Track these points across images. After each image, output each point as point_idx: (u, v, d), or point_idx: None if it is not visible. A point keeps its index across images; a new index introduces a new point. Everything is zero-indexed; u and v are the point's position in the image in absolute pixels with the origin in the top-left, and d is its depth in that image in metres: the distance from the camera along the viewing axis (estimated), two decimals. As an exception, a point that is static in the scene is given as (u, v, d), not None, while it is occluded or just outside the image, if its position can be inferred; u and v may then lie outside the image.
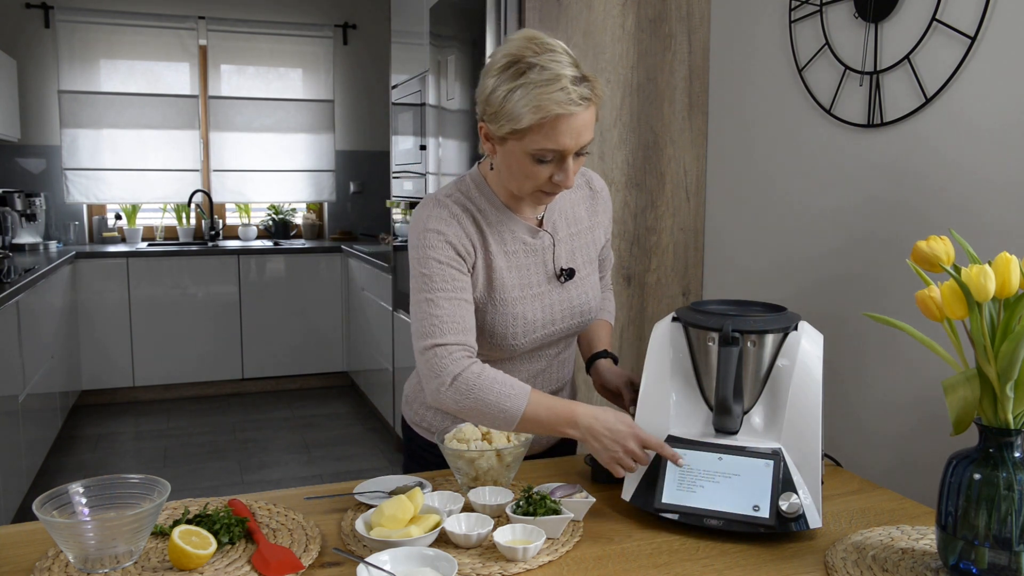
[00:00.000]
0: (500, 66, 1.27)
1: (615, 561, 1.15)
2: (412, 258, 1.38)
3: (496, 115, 1.27)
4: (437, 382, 1.30)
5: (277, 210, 5.81)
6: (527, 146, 1.27)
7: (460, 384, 1.28)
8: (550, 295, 1.46)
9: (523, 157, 1.29)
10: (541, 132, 1.25)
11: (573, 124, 1.26)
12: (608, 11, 2.38)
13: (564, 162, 1.30)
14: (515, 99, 1.24)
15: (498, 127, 1.28)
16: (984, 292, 1.00)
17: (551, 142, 1.26)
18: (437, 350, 1.30)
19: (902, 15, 1.83)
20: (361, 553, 1.14)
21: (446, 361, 1.29)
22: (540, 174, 1.30)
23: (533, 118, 1.23)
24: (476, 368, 1.30)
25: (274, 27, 5.56)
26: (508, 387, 1.29)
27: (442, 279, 1.34)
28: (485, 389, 1.27)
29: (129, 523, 1.06)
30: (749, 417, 1.31)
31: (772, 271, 2.29)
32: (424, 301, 1.34)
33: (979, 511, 1.02)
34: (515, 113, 1.24)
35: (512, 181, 1.35)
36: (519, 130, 1.26)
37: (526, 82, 1.23)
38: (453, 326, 1.32)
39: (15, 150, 5.09)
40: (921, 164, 1.81)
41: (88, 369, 4.89)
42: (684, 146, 2.52)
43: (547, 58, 1.24)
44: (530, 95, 1.23)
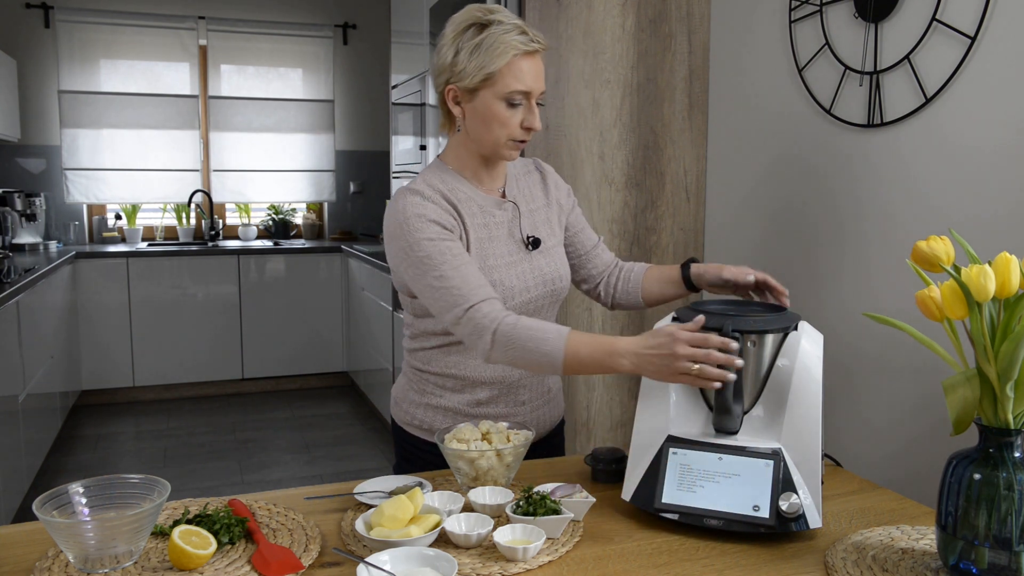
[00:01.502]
0: (456, 33, 1.41)
1: (615, 561, 1.15)
2: (399, 249, 1.42)
3: (465, 70, 1.39)
4: (481, 343, 1.34)
5: (277, 210, 5.81)
6: (499, 90, 1.39)
7: (500, 338, 1.33)
8: (521, 263, 1.52)
9: (496, 103, 1.40)
10: (511, 74, 1.38)
11: (535, 66, 1.41)
12: (608, 11, 2.38)
13: (531, 104, 1.42)
14: (484, 48, 1.38)
15: (471, 78, 1.39)
16: (984, 292, 1.00)
17: (520, 83, 1.39)
18: (469, 313, 1.35)
19: (902, 15, 1.83)
20: (361, 553, 1.14)
21: (482, 320, 1.34)
22: (513, 119, 1.42)
23: (504, 59, 1.37)
24: (511, 319, 1.34)
25: (274, 27, 5.56)
26: (543, 331, 1.32)
27: (440, 254, 1.38)
28: (523, 338, 1.32)
29: (129, 523, 1.06)
30: (749, 417, 1.31)
31: (772, 271, 2.29)
32: (434, 280, 1.38)
33: (979, 511, 1.02)
34: (486, 60, 1.38)
35: (487, 135, 1.43)
36: (492, 73, 1.38)
37: (488, 34, 1.38)
38: (473, 287, 1.37)
39: (15, 150, 5.09)
40: (921, 164, 1.81)
41: (88, 369, 4.89)
42: (684, 146, 2.52)
43: (499, 15, 1.41)
44: (497, 42, 1.38)
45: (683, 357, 1.22)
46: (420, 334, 1.55)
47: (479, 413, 1.54)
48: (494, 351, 1.34)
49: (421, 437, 1.58)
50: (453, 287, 1.36)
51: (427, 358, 1.55)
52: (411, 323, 1.57)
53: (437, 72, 1.45)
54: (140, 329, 4.96)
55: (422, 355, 1.56)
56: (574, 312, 2.43)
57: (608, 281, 1.70)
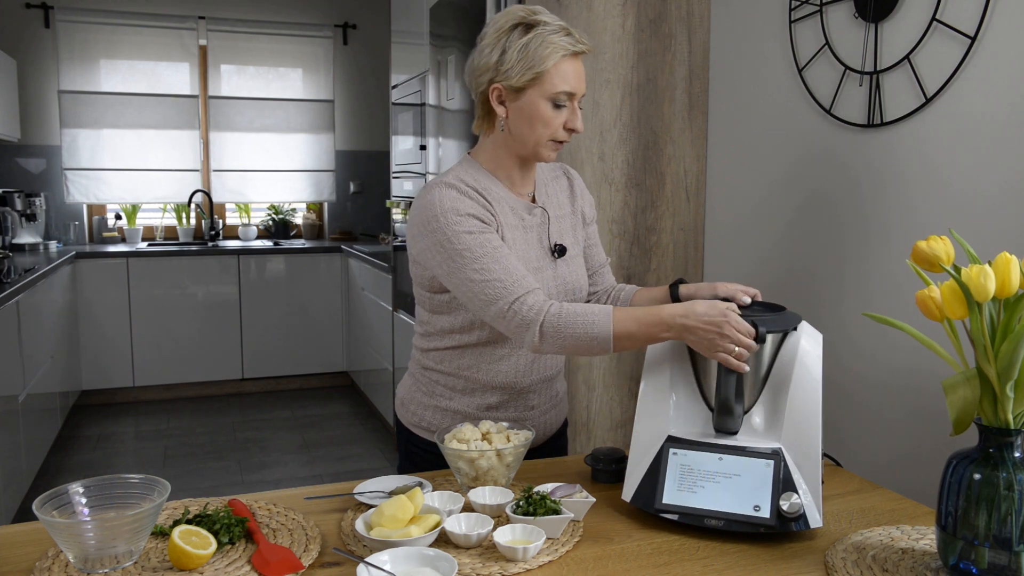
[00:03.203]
0: (500, 32, 1.41)
1: (615, 561, 1.15)
2: (434, 243, 1.40)
3: (513, 68, 1.39)
4: (528, 335, 1.34)
5: (277, 210, 5.81)
6: (546, 90, 1.40)
7: (548, 329, 1.33)
8: (547, 270, 1.52)
9: (542, 103, 1.40)
10: (558, 74, 1.39)
11: (579, 67, 1.43)
12: (608, 11, 2.38)
13: (574, 106, 1.43)
14: (533, 47, 1.38)
15: (519, 78, 1.39)
16: (984, 292, 1.00)
17: (566, 83, 1.40)
18: (514, 307, 1.34)
19: (902, 15, 1.83)
20: (361, 553, 1.14)
21: (527, 313, 1.33)
22: (556, 120, 1.42)
23: (553, 59, 1.38)
24: (554, 309, 1.34)
25: (274, 27, 5.56)
26: (590, 315, 1.32)
27: (480, 246, 1.38)
28: (571, 325, 1.32)
29: (129, 523, 1.06)
30: (749, 417, 1.31)
31: (772, 271, 2.29)
32: (474, 273, 1.37)
33: (979, 511, 1.02)
34: (536, 58, 1.38)
35: (530, 134, 1.43)
36: (540, 73, 1.38)
37: (538, 33, 1.38)
38: (516, 279, 1.36)
39: (15, 150, 5.09)
40: (921, 164, 1.81)
41: (88, 369, 4.89)
42: (684, 146, 2.52)
43: (544, 16, 1.41)
44: (545, 42, 1.38)
45: (730, 339, 1.24)
46: (435, 332, 1.54)
47: (488, 417, 1.52)
48: (544, 343, 1.34)
49: (428, 439, 1.57)
50: (496, 279, 1.36)
51: (440, 358, 1.54)
52: (426, 320, 1.55)
53: (479, 71, 1.44)
54: (140, 329, 4.96)
55: (435, 355, 1.55)
56: (574, 312, 2.43)
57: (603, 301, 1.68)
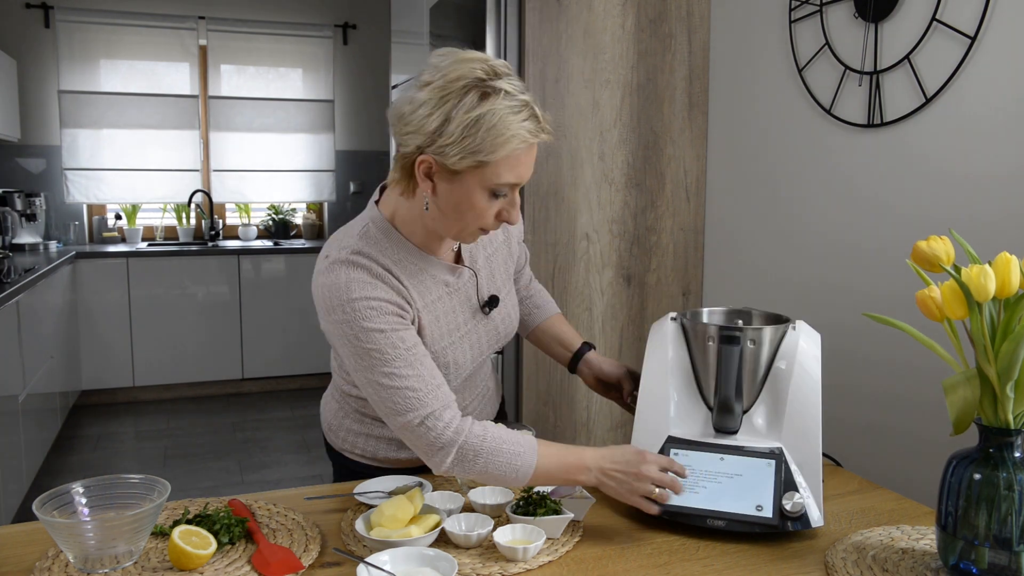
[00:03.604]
0: (451, 92, 1.13)
1: (615, 561, 1.15)
2: (341, 334, 1.22)
3: (453, 147, 1.13)
4: (440, 456, 1.19)
5: (277, 210, 5.81)
6: (488, 180, 1.15)
7: (466, 452, 1.18)
8: (476, 330, 1.38)
9: (478, 192, 1.17)
10: (507, 165, 1.15)
11: (533, 155, 1.18)
12: (608, 11, 2.38)
13: (514, 196, 1.21)
14: (485, 127, 1.11)
15: (458, 159, 1.13)
16: (984, 292, 1.00)
17: (514, 174, 1.16)
18: (427, 422, 1.19)
19: (902, 15, 1.83)
20: (361, 553, 1.14)
21: (444, 432, 1.18)
22: (490, 211, 1.20)
23: (505, 149, 1.13)
24: (477, 430, 1.20)
25: (274, 27, 5.56)
26: (515, 445, 1.20)
27: (392, 347, 1.20)
28: (493, 452, 1.18)
29: (129, 523, 1.06)
30: (749, 417, 1.31)
31: (772, 270, 2.29)
32: (383, 377, 1.20)
33: (979, 511, 1.02)
34: (487, 144, 1.12)
35: (456, 222, 1.21)
36: (485, 163, 1.13)
37: (492, 111, 1.12)
38: (429, 390, 1.20)
39: (15, 150, 5.09)
40: (921, 164, 1.81)
41: (88, 369, 4.89)
42: (684, 146, 2.52)
43: (506, 82, 1.14)
44: (502, 124, 1.12)
45: (648, 479, 1.20)
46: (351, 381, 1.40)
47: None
48: (452, 467, 1.19)
49: (364, 463, 1.47)
50: (407, 388, 1.19)
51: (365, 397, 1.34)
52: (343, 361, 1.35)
53: (408, 127, 1.16)
54: (140, 329, 4.95)
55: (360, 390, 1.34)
56: (574, 312, 2.43)
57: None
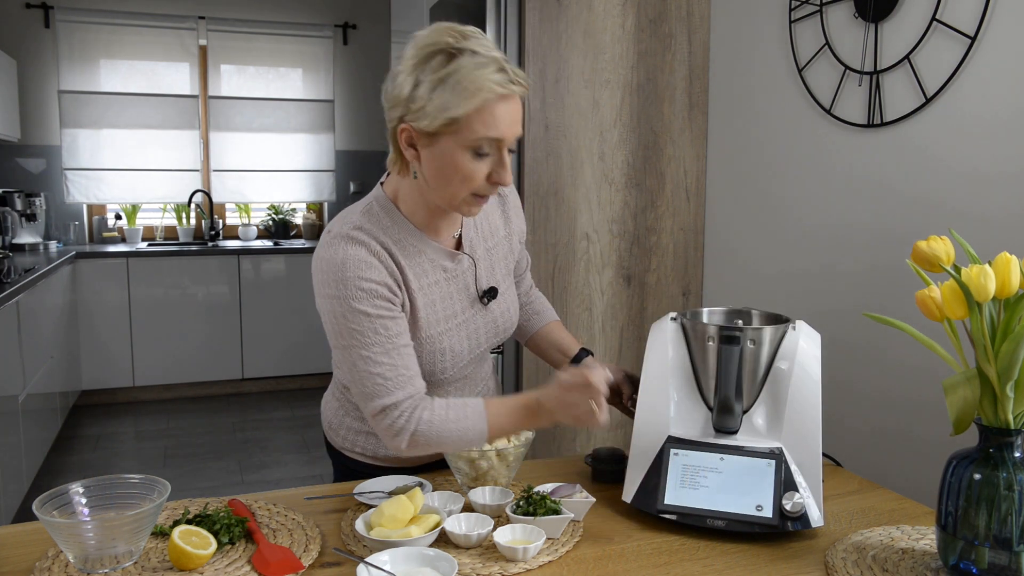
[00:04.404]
0: (421, 58, 1.16)
1: (615, 561, 1.15)
2: (330, 308, 1.24)
3: (424, 109, 1.15)
4: (396, 442, 1.24)
5: (277, 210, 5.81)
6: (465, 138, 1.16)
7: (419, 438, 1.23)
8: (474, 320, 1.38)
9: (459, 153, 1.17)
10: (480, 119, 1.15)
11: (511, 110, 1.17)
12: (608, 11, 2.38)
13: (501, 155, 1.19)
14: (450, 85, 1.13)
15: (430, 121, 1.15)
16: (984, 292, 1.00)
17: (490, 129, 1.16)
18: (388, 411, 1.23)
19: (902, 15, 1.83)
20: (361, 553, 1.14)
21: (400, 421, 1.23)
22: (478, 172, 1.19)
23: (473, 102, 1.13)
24: (425, 415, 1.23)
25: (274, 27, 5.56)
26: (463, 419, 1.24)
27: (375, 332, 1.22)
28: (444, 432, 1.23)
29: (129, 523, 1.06)
30: (749, 417, 1.31)
31: (772, 270, 2.29)
32: (360, 359, 1.23)
33: (979, 511, 1.02)
34: (451, 101, 1.13)
35: (445, 188, 1.22)
36: (456, 119, 1.14)
37: (458, 67, 1.13)
38: (398, 380, 1.23)
39: (15, 150, 5.09)
40: (921, 164, 1.81)
41: (88, 369, 4.89)
42: (684, 146, 2.52)
43: (474, 43, 1.16)
44: (468, 79, 1.13)
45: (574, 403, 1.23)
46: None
47: None
48: (409, 452, 1.25)
49: (365, 462, 1.48)
50: (378, 374, 1.22)
51: None
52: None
53: (390, 103, 1.20)
54: (140, 329, 4.95)
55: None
56: (574, 312, 2.43)
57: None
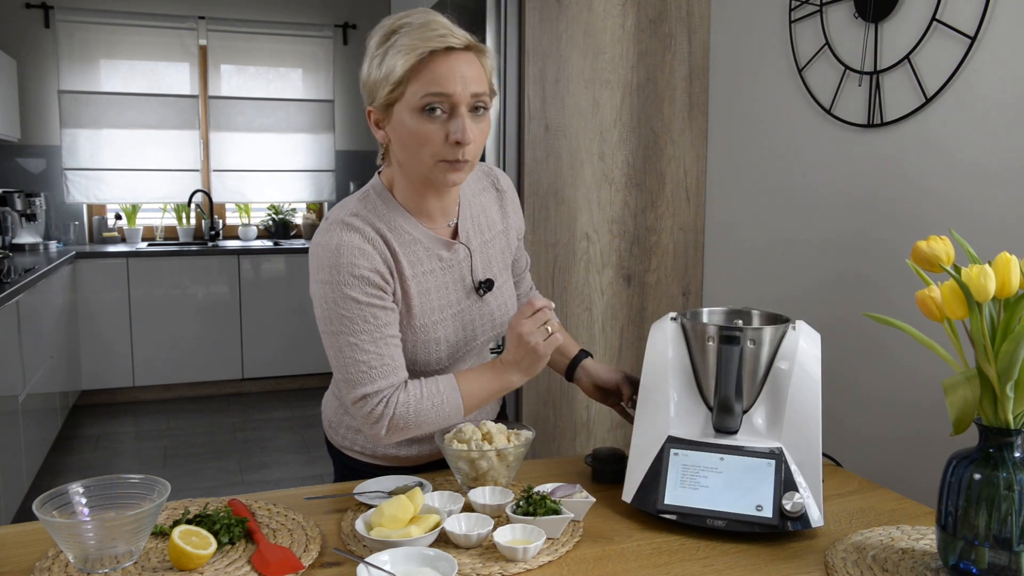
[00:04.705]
0: (373, 45, 1.22)
1: (615, 561, 1.15)
2: (323, 293, 1.25)
3: (376, 85, 1.20)
4: (376, 429, 1.27)
5: (277, 210, 5.81)
6: (410, 101, 1.17)
7: (398, 422, 1.26)
8: (470, 311, 1.39)
9: (412, 118, 1.18)
10: (420, 78, 1.16)
11: (455, 66, 1.17)
12: (608, 11, 2.38)
13: (456, 113, 1.18)
14: (390, 55, 1.17)
15: (380, 95, 1.19)
16: (984, 292, 1.00)
17: (433, 85, 1.16)
18: (368, 399, 1.26)
19: (902, 15, 1.83)
20: (361, 553, 1.14)
21: (379, 408, 1.26)
22: (434, 134, 1.18)
23: (408, 61, 1.16)
24: (401, 398, 1.26)
25: (274, 27, 5.56)
26: (437, 394, 1.28)
27: (363, 320, 1.24)
28: (420, 411, 1.27)
29: (129, 523, 1.06)
30: (749, 417, 1.31)
31: (772, 271, 2.29)
32: (347, 345, 1.25)
33: (979, 511, 1.02)
34: (391, 65, 1.17)
35: (412, 159, 1.23)
36: (398, 81, 1.16)
37: (397, 36, 1.18)
38: (382, 370, 1.25)
39: (15, 150, 5.09)
40: (921, 164, 1.81)
41: (88, 369, 4.89)
42: (684, 146, 2.52)
43: (412, 17, 1.20)
44: (403, 42, 1.17)
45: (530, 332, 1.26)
46: None
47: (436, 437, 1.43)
48: (389, 438, 1.29)
49: (365, 461, 1.48)
50: (363, 362, 1.24)
51: None
52: None
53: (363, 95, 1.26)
54: (140, 329, 4.96)
55: None
56: (574, 312, 2.43)
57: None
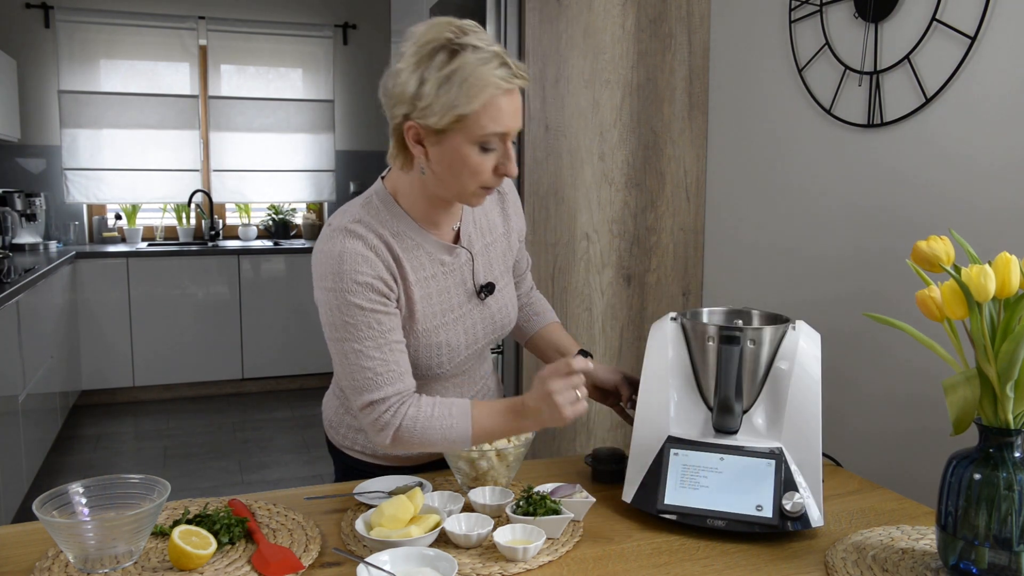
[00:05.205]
0: (421, 56, 1.18)
1: (615, 561, 1.15)
2: (327, 301, 1.25)
3: (431, 107, 1.17)
4: (380, 437, 1.26)
5: (277, 210, 5.81)
6: (472, 133, 1.18)
7: (403, 434, 1.24)
8: (471, 315, 1.39)
9: (467, 148, 1.20)
10: (487, 115, 1.17)
11: (515, 103, 1.20)
12: (608, 11, 2.38)
13: (507, 147, 1.22)
14: (456, 83, 1.15)
15: (438, 119, 1.17)
16: (984, 292, 1.00)
17: (498, 124, 1.18)
18: (375, 406, 1.25)
19: (902, 15, 1.83)
20: (361, 553, 1.14)
21: (386, 415, 1.25)
22: (485, 165, 1.22)
23: (480, 99, 1.16)
24: (411, 412, 1.24)
25: (274, 27, 5.56)
26: (447, 418, 1.25)
27: (368, 326, 1.24)
28: (428, 430, 1.24)
29: (129, 523, 1.06)
30: (749, 417, 1.31)
31: (772, 271, 2.29)
32: (352, 352, 1.24)
33: (979, 511, 1.02)
34: (462, 96, 1.15)
35: (454, 182, 1.24)
36: (464, 115, 1.16)
37: (462, 64, 1.15)
38: (388, 376, 1.25)
39: (15, 150, 5.09)
40: (921, 164, 1.81)
41: (88, 369, 4.89)
42: (684, 146, 2.52)
43: (474, 38, 1.18)
44: (473, 76, 1.15)
45: (559, 391, 1.20)
46: None
47: None
48: (393, 448, 1.27)
49: (366, 460, 1.48)
50: (369, 368, 1.24)
51: None
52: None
53: (393, 100, 1.21)
54: (140, 329, 4.95)
55: None
56: (574, 312, 2.43)
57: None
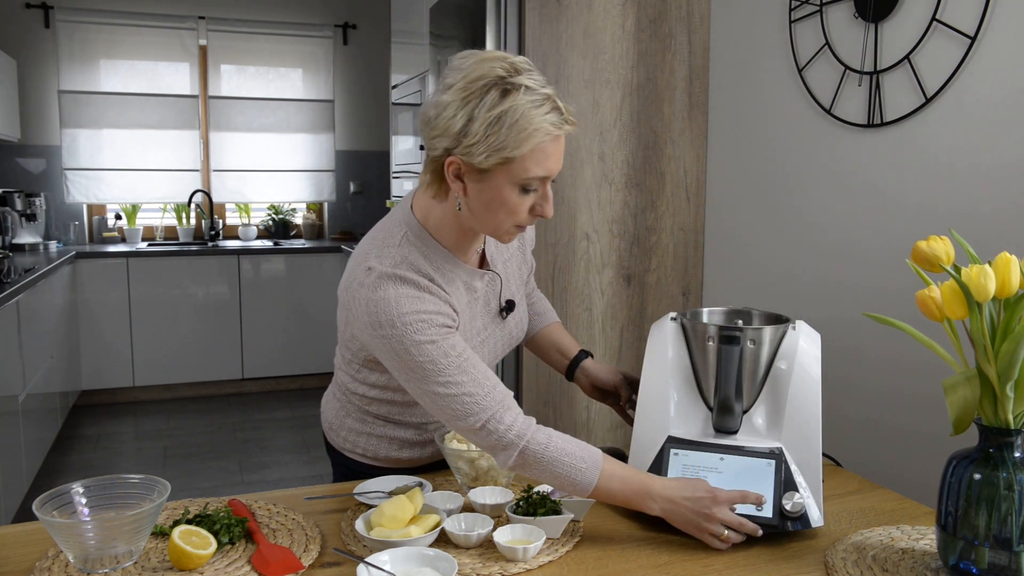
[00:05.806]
0: (471, 92, 1.14)
1: (615, 561, 1.15)
2: (387, 348, 1.20)
3: (478, 146, 1.13)
4: (504, 456, 1.20)
5: (277, 210, 5.81)
6: (516, 175, 1.16)
7: (528, 457, 1.19)
8: (494, 335, 1.41)
9: (508, 189, 1.17)
10: (534, 159, 1.15)
11: (561, 148, 1.19)
12: (608, 11, 2.38)
13: (546, 189, 1.21)
14: (508, 124, 1.12)
15: (485, 158, 1.14)
16: (984, 292, 1.00)
17: (542, 168, 1.16)
18: (488, 425, 1.19)
19: (902, 15, 1.83)
20: (361, 553, 1.14)
21: (506, 434, 1.19)
22: (523, 206, 1.20)
23: (529, 144, 1.13)
24: (541, 437, 1.20)
25: (274, 27, 5.56)
26: (579, 460, 1.19)
27: (444, 356, 1.19)
28: (554, 462, 1.19)
29: (129, 523, 1.06)
30: (749, 417, 1.31)
31: (772, 270, 2.29)
32: (439, 387, 1.19)
33: (979, 511, 1.02)
34: (511, 139, 1.13)
35: (489, 218, 1.22)
36: (511, 159, 1.14)
37: (514, 106, 1.12)
38: (485, 393, 1.20)
39: (15, 150, 5.09)
40: (921, 164, 1.81)
41: (88, 369, 4.89)
42: (684, 146, 2.52)
43: (527, 77, 1.15)
44: (525, 118, 1.12)
45: (718, 520, 1.17)
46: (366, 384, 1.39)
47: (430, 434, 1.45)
48: (515, 465, 1.20)
49: (365, 463, 1.47)
50: (463, 394, 1.19)
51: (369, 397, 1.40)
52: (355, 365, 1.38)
53: (435, 131, 1.18)
54: (140, 329, 4.95)
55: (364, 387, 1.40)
56: (574, 312, 2.43)
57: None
